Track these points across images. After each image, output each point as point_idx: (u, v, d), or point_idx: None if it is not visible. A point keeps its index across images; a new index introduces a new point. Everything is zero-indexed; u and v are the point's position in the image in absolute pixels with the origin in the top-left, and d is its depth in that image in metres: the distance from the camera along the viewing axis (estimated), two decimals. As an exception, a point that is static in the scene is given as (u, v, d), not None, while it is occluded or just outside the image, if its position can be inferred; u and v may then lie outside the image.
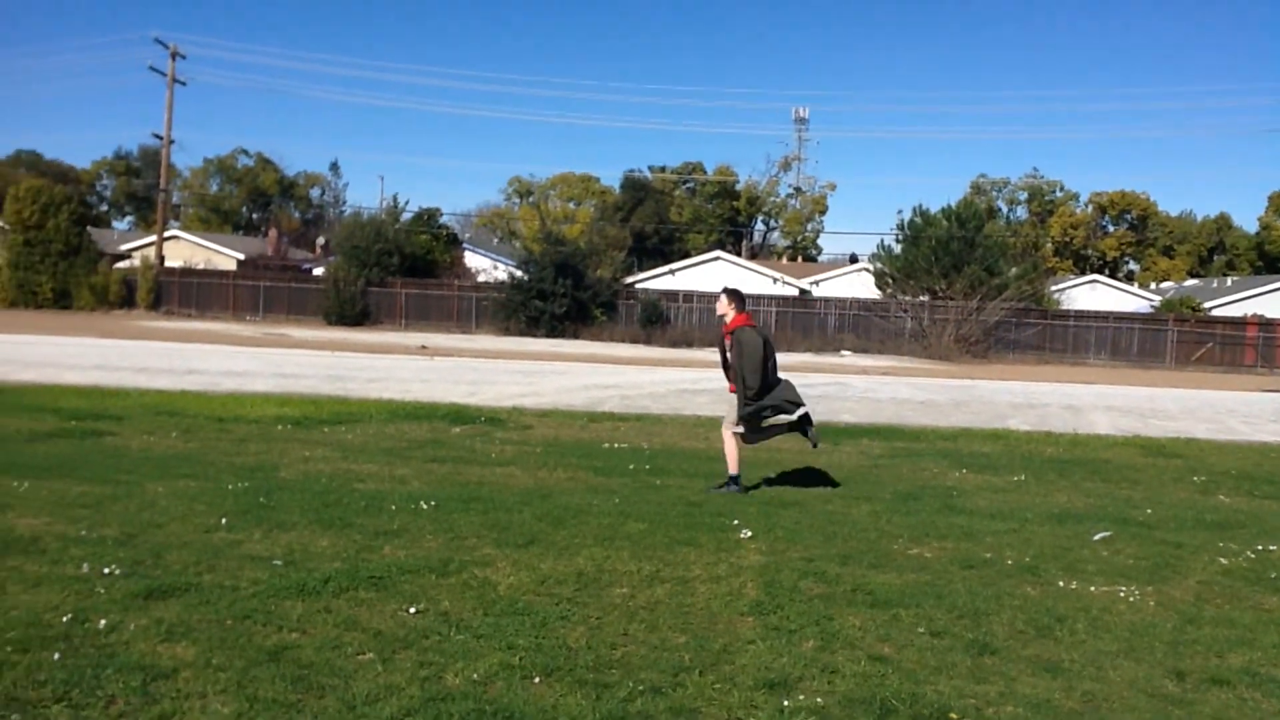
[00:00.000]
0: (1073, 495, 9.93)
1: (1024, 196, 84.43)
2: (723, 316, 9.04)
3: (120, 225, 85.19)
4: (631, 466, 10.31)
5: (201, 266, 51.49)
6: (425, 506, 7.69)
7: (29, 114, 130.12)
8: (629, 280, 48.24)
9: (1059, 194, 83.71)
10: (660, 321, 44.09)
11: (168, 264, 49.68)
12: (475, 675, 4.37)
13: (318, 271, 50.88)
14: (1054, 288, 52.05)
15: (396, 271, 46.83)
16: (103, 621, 4.78)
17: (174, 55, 49.82)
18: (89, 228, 49.91)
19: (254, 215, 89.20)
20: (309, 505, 7.56)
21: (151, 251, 50.79)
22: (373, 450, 10.65)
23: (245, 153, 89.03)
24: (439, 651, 4.65)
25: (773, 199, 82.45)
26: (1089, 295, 53.79)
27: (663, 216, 71.07)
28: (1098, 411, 20.06)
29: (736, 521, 7.65)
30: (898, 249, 47.21)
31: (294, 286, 48.16)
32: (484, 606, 5.33)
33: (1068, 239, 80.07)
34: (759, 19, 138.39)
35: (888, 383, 25.75)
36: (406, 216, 50.78)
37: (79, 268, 46.83)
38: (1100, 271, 69.88)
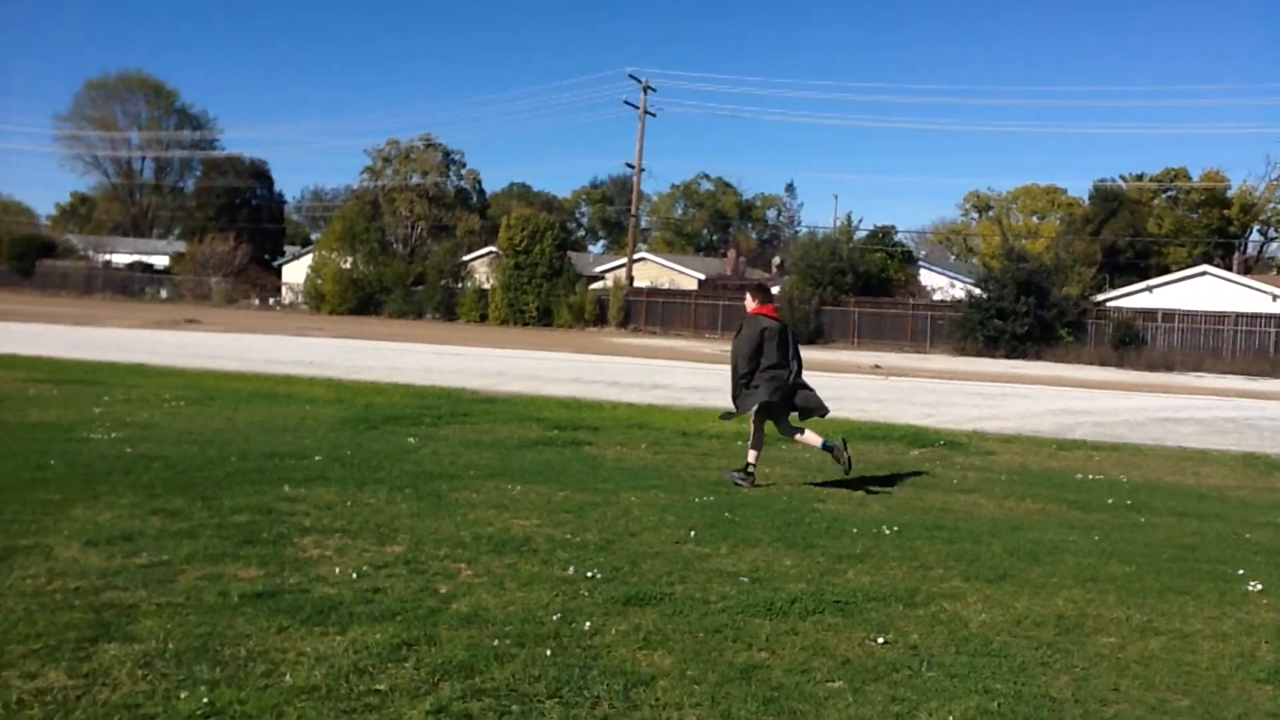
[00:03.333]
0: None
1: None
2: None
3: (595, 249, 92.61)
4: (1110, 501, 9.48)
5: (665, 286, 54.64)
6: (887, 531, 7.50)
7: (523, 149, 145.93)
8: (1099, 298, 45.04)
9: None
10: (1135, 342, 40.77)
11: (636, 284, 53.21)
12: (950, 718, 4.13)
13: (773, 290, 52.20)
14: None
15: (850, 290, 46.99)
16: (587, 623, 5.05)
17: (645, 89, 53.41)
18: (569, 252, 54.75)
19: (714, 237, 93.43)
20: (772, 523, 7.63)
21: (622, 273, 54.64)
22: (830, 470, 10.60)
23: (706, 177, 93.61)
24: (910, 687, 4.44)
25: (1272, 205, 73.52)
26: None
27: (1138, 229, 65.66)
28: None
29: (1241, 571, 6.76)
30: None
31: (750, 305, 49.71)
32: (955, 643, 5.06)
33: None
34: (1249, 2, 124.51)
35: None
36: (860, 235, 50.98)
37: (559, 288, 51.47)
38: None
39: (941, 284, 51.37)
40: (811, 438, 9.55)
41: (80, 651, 4.39)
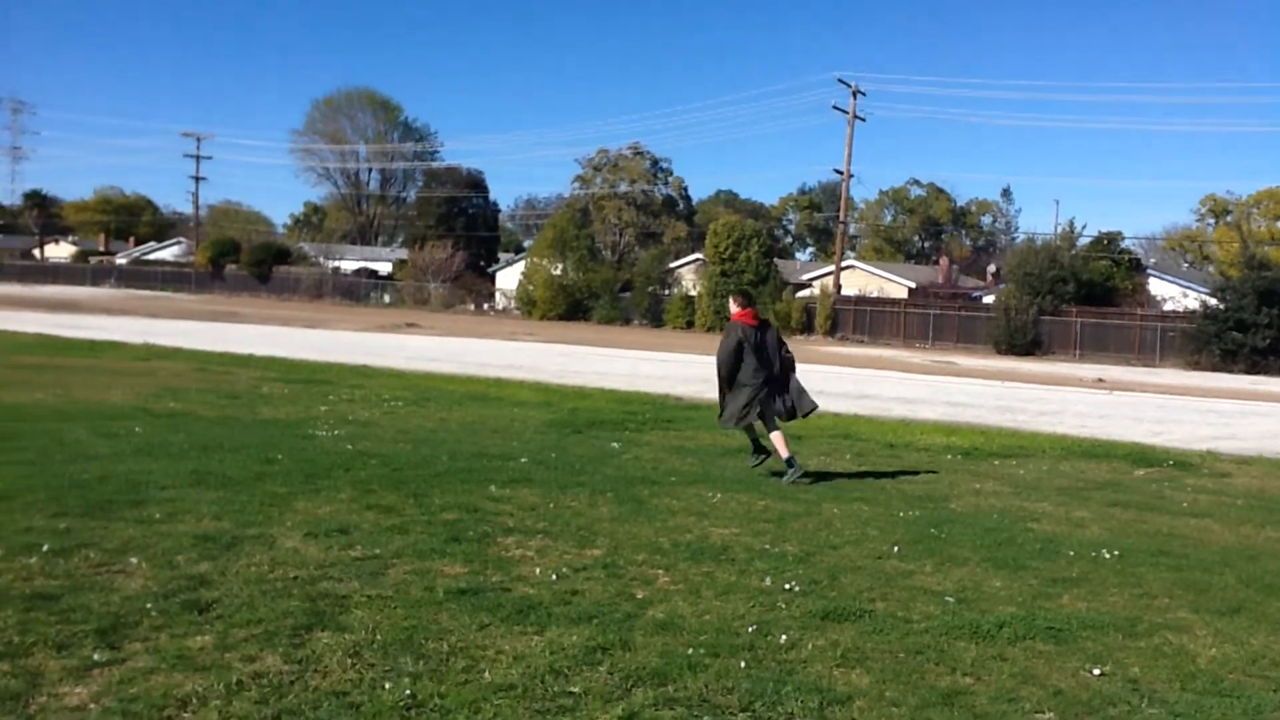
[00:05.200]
0: None
1: None
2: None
3: (802, 256, 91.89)
4: (1363, 531, 8.66)
5: (874, 295, 53.62)
6: (1107, 555, 7.07)
7: (729, 156, 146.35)
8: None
9: None
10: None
11: (843, 293, 52.43)
12: (1174, 761, 3.83)
13: (987, 300, 50.50)
14: None
15: (1071, 299, 44.91)
16: (783, 637, 4.95)
17: (855, 93, 52.54)
18: (775, 259, 54.46)
19: (925, 244, 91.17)
20: (980, 541, 7.32)
21: (829, 281, 53.91)
22: (1046, 488, 10.12)
23: (917, 183, 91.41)
24: (1129, 724, 4.16)
25: None
26: None
27: (1398, 235, 60.30)
28: None
29: None
30: None
31: (963, 315, 48.30)
32: (1180, 679, 4.70)
33: None
34: None
35: None
36: (1083, 241, 48.64)
37: (766, 296, 51.15)
38: None
39: (1173, 293, 48.47)
40: (779, 441, 9.45)
41: (296, 638, 4.60)
